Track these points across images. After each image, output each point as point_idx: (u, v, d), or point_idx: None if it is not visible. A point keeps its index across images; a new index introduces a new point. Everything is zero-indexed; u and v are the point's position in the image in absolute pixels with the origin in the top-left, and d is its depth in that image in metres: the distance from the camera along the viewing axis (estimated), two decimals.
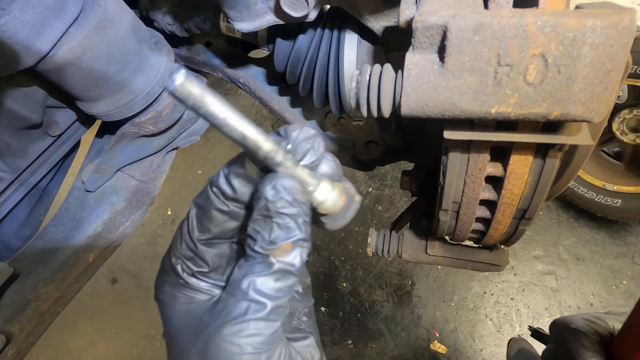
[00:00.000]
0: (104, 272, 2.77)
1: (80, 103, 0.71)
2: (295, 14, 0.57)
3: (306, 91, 0.75)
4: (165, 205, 2.91)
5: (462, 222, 0.51)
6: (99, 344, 2.60)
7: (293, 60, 0.71)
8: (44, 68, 0.60)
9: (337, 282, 2.48)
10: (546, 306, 2.20)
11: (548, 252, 2.31)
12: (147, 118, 0.77)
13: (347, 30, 0.67)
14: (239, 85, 0.92)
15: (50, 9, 0.56)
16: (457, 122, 0.39)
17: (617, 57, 0.31)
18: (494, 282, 2.29)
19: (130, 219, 0.94)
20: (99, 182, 0.88)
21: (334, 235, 2.59)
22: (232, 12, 0.59)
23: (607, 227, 2.30)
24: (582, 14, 0.31)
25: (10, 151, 0.73)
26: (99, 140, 0.95)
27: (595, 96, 0.32)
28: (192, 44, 0.96)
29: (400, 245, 0.70)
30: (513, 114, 0.35)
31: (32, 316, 0.74)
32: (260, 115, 3.09)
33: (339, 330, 2.37)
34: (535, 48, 0.32)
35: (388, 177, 2.66)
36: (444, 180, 0.46)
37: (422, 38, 0.36)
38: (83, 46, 0.60)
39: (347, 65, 0.67)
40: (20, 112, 0.69)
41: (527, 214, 0.47)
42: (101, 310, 2.68)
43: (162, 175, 1.01)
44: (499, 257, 0.64)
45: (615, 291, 2.18)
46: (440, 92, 0.36)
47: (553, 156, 0.40)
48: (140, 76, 0.71)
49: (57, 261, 0.81)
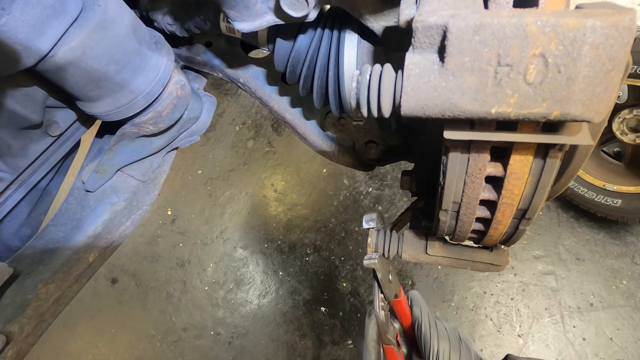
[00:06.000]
0: (104, 272, 2.77)
1: (80, 103, 0.71)
2: (295, 14, 0.57)
3: (306, 91, 0.75)
4: (165, 205, 2.91)
5: (462, 222, 0.51)
6: (98, 344, 2.60)
7: (293, 60, 0.72)
8: (44, 68, 0.60)
9: (337, 282, 2.48)
10: (546, 306, 2.20)
11: (548, 252, 2.31)
12: (147, 118, 0.77)
13: (347, 30, 0.67)
14: (239, 85, 0.92)
15: (50, 9, 0.56)
16: (457, 122, 0.39)
17: (617, 57, 0.31)
18: (494, 282, 2.29)
19: (130, 219, 0.94)
20: (99, 182, 0.88)
21: (334, 235, 2.59)
22: (232, 12, 0.59)
23: (607, 227, 2.30)
24: (582, 14, 0.31)
25: (10, 151, 0.73)
26: (99, 140, 0.95)
27: (596, 96, 0.32)
28: (192, 44, 0.96)
29: (400, 245, 0.70)
30: (513, 114, 0.35)
31: (32, 316, 0.74)
32: (260, 115, 3.09)
33: (339, 330, 2.37)
34: (535, 48, 0.32)
35: (388, 177, 2.66)
36: (444, 180, 0.46)
37: (422, 38, 0.36)
38: (83, 46, 0.60)
39: (347, 65, 0.67)
40: (20, 112, 0.69)
41: (527, 214, 0.47)
42: (101, 310, 2.68)
43: (162, 175, 1.01)
44: (499, 257, 0.64)
45: (615, 291, 2.18)
46: (440, 92, 0.36)
47: (553, 156, 0.40)
48: (140, 76, 0.71)
49: (57, 261, 0.81)
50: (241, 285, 2.62)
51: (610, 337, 2.09)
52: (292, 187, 2.80)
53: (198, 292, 2.64)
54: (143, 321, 2.62)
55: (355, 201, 2.65)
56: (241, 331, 2.51)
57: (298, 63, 0.72)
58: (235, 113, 3.15)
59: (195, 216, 2.83)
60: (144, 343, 2.56)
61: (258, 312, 2.54)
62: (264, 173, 2.90)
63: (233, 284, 2.63)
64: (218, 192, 2.90)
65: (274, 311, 2.51)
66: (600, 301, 2.17)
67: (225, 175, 2.95)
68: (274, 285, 2.58)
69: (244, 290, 2.61)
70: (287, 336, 2.44)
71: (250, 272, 2.64)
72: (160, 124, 0.81)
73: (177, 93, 0.79)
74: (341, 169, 2.71)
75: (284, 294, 2.54)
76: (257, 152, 2.98)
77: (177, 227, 2.83)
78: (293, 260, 2.60)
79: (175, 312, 2.62)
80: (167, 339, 2.56)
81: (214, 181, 2.94)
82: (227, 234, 2.76)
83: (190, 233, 2.80)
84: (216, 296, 2.62)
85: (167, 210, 2.90)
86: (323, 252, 2.57)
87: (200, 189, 2.93)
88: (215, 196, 2.89)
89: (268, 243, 2.68)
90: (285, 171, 2.87)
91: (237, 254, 2.70)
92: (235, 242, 2.74)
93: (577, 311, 2.17)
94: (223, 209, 2.84)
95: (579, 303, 2.18)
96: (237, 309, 2.57)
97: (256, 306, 2.55)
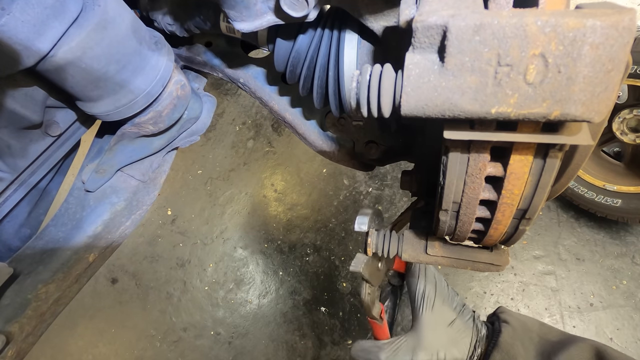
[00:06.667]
0: (104, 272, 2.77)
1: (80, 103, 0.72)
2: (295, 14, 0.57)
3: (306, 91, 0.76)
4: (165, 205, 2.91)
5: (462, 222, 0.51)
6: (99, 344, 2.60)
7: (293, 60, 0.72)
8: (44, 68, 0.60)
9: (337, 282, 2.48)
10: (546, 306, 2.20)
11: (548, 252, 2.31)
12: (147, 118, 0.77)
13: (347, 30, 0.67)
14: (239, 85, 0.92)
15: (50, 9, 0.56)
16: (457, 122, 0.39)
17: (617, 57, 0.31)
18: (494, 282, 2.29)
19: (131, 219, 0.94)
20: (99, 182, 0.88)
21: (334, 235, 2.59)
22: (232, 12, 0.59)
23: (607, 227, 2.30)
24: (582, 14, 0.31)
25: (10, 151, 0.73)
26: (99, 140, 0.95)
27: (596, 96, 0.32)
28: (192, 44, 0.96)
29: (400, 245, 0.70)
30: (513, 114, 0.34)
31: (32, 316, 0.74)
32: (260, 115, 3.09)
33: (339, 330, 2.37)
34: (536, 48, 0.32)
35: (388, 177, 2.66)
36: (444, 180, 0.46)
37: (422, 38, 0.36)
38: (83, 46, 0.60)
39: (347, 65, 0.67)
40: (20, 112, 0.69)
41: (527, 214, 0.47)
42: (101, 310, 2.68)
43: (162, 175, 1.01)
44: (499, 257, 0.64)
45: (615, 291, 2.18)
46: (440, 92, 0.36)
47: (553, 156, 0.40)
48: (140, 76, 0.71)
49: (57, 261, 0.81)
50: (241, 285, 2.62)
51: (610, 337, 2.09)
52: (292, 187, 2.80)
53: (198, 292, 2.64)
54: (143, 321, 2.62)
55: (356, 201, 2.65)
56: (241, 331, 2.51)
57: (298, 63, 0.72)
58: (235, 113, 3.15)
59: (195, 216, 2.83)
60: (144, 343, 2.56)
61: (258, 312, 2.54)
62: (264, 173, 2.90)
63: (233, 284, 2.63)
64: (218, 192, 2.90)
65: (274, 311, 2.51)
66: (600, 301, 2.17)
67: (225, 175, 2.95)
68: (274, 285, 2.58)
69: (244, 290, 2.61)
70: (287, 336, 2.44)
71: (250, 272, 2.64)
72: (160, 124, 0.81)
73: (177, 93, 0.79)
74: (341, 169, 2.71)
75: (284, 294, 2.54)
76: (257, 152, 2.98)
77: (177, 227, 2.83)
78: (293, 260, 2.60)
79: (175, 312, 2.62)
80: (167, 339, 2.56)
81: (214, 181, 2.95)
82: (227, 234, 2.76)
83: (190, 233, 2.80)
84: (216, 296, 2.62)
85: (167, 210, 2.90)
86: (323, 252, 2.57)
87: (200, 189, 2.93)
88: (215, 196, 2.89)
89: (268, 243, 2.68)
90: (285, 171, 2.87)
91: (237, 254, 2.70)
92: (235, 242, 2.74)
93: (577, 311, 2.17)
94: (223, 209, 2.84)
95: (579, 303, 2.18)
96: (237, 309, 2.57)
97: (256, 306, 2.56)
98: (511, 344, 0.73)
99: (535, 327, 0.78)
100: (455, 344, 0.79)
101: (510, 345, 0.73)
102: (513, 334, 0.75)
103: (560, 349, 0.71)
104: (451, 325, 0.80)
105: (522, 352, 0.72)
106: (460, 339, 0.79)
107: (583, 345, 0.71)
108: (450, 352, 0.78)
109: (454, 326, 0.80)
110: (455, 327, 0.80)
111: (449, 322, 0.81)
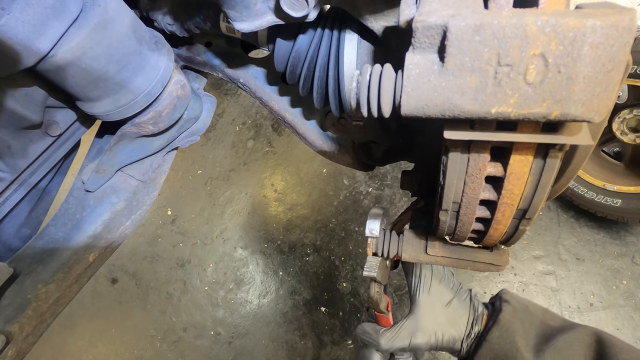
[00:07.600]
0: (104, 272, 2.77)
1: (80, 103, 0.72)
2: (295, 14, 0.57)
3: (306, 91, 0.76)
4: (165, 205, 2.91)
5: (462, 222, 0.51)
6: (98, 344, 2.60)
7: (293, 60, 0.72)
8: (44, 68, 0.60)
9: (337, 282, 2.48)
10: (546, 306, 2.20)
11: (548, 252, 2.31)
12: (147, 118, 0.77)
13: (347, 30, 0.67)
14: (239, 85, 0.92)
15: (50, 9, 0.56)
16: (457, 122, 0.39)
17: (617, 57, 0.31)
18: (494, 282, 2.29)
19: (130, 219, 0.94)
20: (99, 182, 0.88)
21: (334, 235, 2.59)
22: (232, 12, 0.59)
23: (607, 227, 2.30)
24: (582, 14, 0.31)
25: (10, 151, 0.73)
26: (99, 140, 0.95)
27: (596, 96, 0.32)
28: (192, 44, 0.96)
29: (400, 245, 0.70)
30: (513, 114, 0.35)
31: (32, 316, 0.74)
32: (260, 115, 3.09)
33: (339, 330, 2.37)
34: (536, 48, 0.32)
35: (388, 177, 2.66)
36: (444, 180, 0.46)
37: (422, 38, 0.36)
38: (83, 46, 0.60)
39: (347, 65, 0.67)
40: (20, 112, 0.69)
41: (527, 214, 0.47)
42: (101, 311, 2.68)
43: (162, 175, 1.01)
44: (499, 257, 0.64)
45: (615, 291, 2.18)
46: (440, 92, 0.36)
47: (553, 156, 0.40)
48: (140, 76, 0.71)
49: (57, 261, 0.81)
50: (241, 285, 2.62)
51: None
52: (292, 187, 2.80)
53: (198, 292, 2.64)
54: (143, 321, 2.62)
55: (355, 201, 2.65)
56: (241, 331, 2.51)
57: (298, 63, 0.72)
58: (235, 113, 3.15)
59: (195, 216, 2.83)
60: (144, 343, 2.56)
61: (258, 312, 2.54)
62: (264, 173, 2.90)
63: (233, 284, 2.63)
64: (218, 192, 2.90)
65: (274, 311, 2.51)
66: (600, 301, 2.17)
67: (225, 175, 2.95)
68: (274, 285, 2.58)
69: (244, 290, 2.61)
70: (287, 336, 2.44)
71: (250, 272, 2.64)
72: (160, 124, 0.81)
73: (177, 93, 0.79)
74: (341, 169, 2.71)
75: (284, 294, 2.54)
76: (257, 152, 2.98)
77: (177, 227, 2.83)
78: (293, 260, 2.60)
79: (175, 312, 2.62)
80: (167, 339, 2.56)
81: (214, 181, 2.95)
82: (227, 234, 2.76)
83: (190, 233, 2.80)
84: (216, 296, 2.62)
85: (167, 210, 2.90)
86: (323, 252, 2.57)
87: (200, 189, 2.93)
88: (215, 196, 2.89)
89: (268, 243, 2.68)
90: (285, 171, 2.87)
91: (237, 254, 2.70)
92: (235, 242, 2.74)
93: (577, 311, 2.17)
94: (223, 209, 2.84)
95: (579, 303, 2.18)
96: (237, 309, 2.57)
97: (256, 306, 2.56)
98: (510, 322, 0.74)
99: (537, 311, 0.79)
100: (452, 323, 0.80)
101: (510, 323, 0.74)
102: (513, 313, 0.76)
103: (560, 332, 0.72)
104: (448, 305, 0.82)
105: (520, 331, 0.73)
106: (458, 317, 0.80)
107: (583, 330, 0.72)
108: (448, 331, 0.79)
109: (451, 306, 0.81)
110: (452, 307, 0.81)
111: (446, 302, 0.82)
